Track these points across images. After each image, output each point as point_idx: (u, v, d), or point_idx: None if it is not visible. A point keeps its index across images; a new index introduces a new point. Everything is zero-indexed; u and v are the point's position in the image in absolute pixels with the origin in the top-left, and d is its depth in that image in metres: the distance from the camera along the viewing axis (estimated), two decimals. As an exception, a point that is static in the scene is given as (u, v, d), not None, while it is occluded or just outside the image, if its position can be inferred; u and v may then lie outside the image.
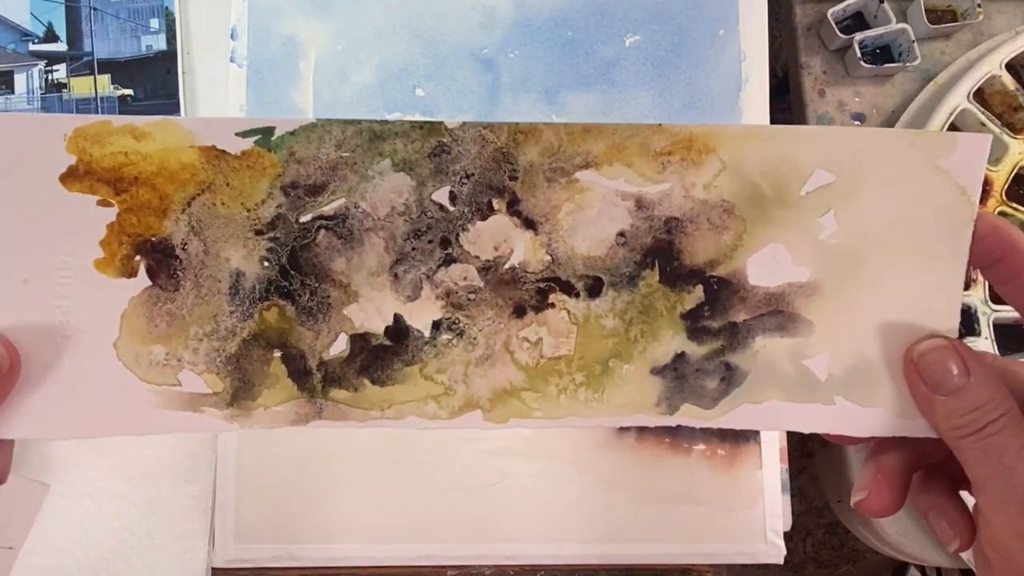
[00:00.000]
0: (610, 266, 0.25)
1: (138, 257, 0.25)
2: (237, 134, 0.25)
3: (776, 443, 0.44)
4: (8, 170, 0.24)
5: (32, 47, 0.49)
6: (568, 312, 0.25)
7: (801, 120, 0.50)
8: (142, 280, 0.25)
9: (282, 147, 0.25)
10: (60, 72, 0.49)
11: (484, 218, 0.25)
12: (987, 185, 0.44)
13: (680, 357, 0.25)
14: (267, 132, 0.25)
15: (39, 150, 0.24)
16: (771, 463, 0.44)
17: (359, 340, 0.25)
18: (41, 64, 0.49)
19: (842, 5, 0.48)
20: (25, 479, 0.28)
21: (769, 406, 0.25)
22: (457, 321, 0.26)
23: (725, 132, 0.24)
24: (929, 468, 0.26)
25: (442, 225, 0.25)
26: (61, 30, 0.49)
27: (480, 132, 0.25)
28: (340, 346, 0.25)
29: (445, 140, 0.25)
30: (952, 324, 0.24)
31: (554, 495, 0.45)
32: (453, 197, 0.25)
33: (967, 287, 0.43)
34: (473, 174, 0.25)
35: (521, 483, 0.44)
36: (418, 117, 0.46)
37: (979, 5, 0.48)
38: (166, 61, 0.48)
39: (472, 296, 0.25)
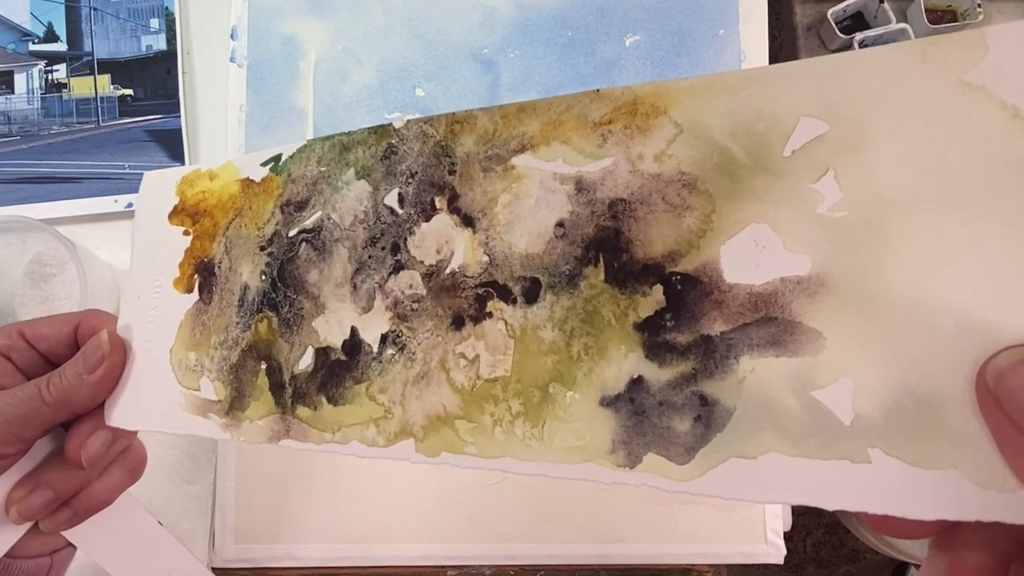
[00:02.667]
0: (548, 264, 0.21)
1: (196, 275, 0.28)
2: (260, 164, 0.28)
3: (776, 443, 0.44)
4: (143, 212, 0.30)
5: (32, 47, 0.49)
6: (505, 323, 0.21)
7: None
8: (194, 296, 0.28)
9: (284, 169, 0.27)
10: (60, 72, 0.49)
11: (428, 219, 0.23)
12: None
13: (637, 383, 0.19)
14: (277, 159, 0.27)
15: (161, 196, 0.29)
16: (771, 463, 0.44)
17: (322, 355, 0.25)
18: (41, 64, 0.49)
19: (842, 5, 0.48)
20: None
21: (769, 462, 0.17)
22: (400, 334, 0.23)
23: (678, 87, 0.19)
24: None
25: (393, 230, 0.24)
26: (61, 30, 0.49)
27: (421, 128, 0.23)
28: (307, 360, 0.25)
29: (393, 141, 0.24)
30: None
31: (554, 495, 0.45)
32: (401, 199, 0.24)
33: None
34: (416, 172, 0.23)
35: (521, 483, 0.44)
36: (418, 116, 0.46)
37: (979, 5, 0.48)
38: (166, 61, 0.48)
39: (415, 306, 0.23)
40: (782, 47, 0.53)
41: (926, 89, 0.17)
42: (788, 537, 0.44)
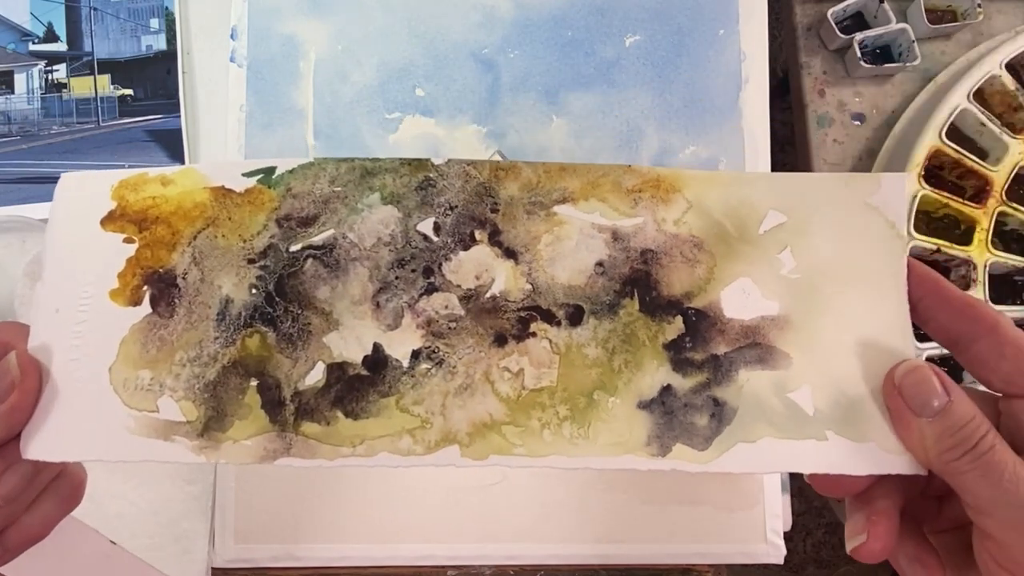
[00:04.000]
0: (590, 294, 0.26)
1: (145, 287, 0.26)
2: (243, 174, 0.27)
3: (776, 443, 0.44)
4: (64, 216, 0.27)
5: (32, 47, 0.49)
6: (550, 341, 0.25)
7: (802, 120, 0.50)
8: (144, 309, 0.26)
9: (281, 183, 0.27)
10: (60, 72, 0.49)
11: (467, 248, 0.26)
12: (987, 185, 0.44)
13: (667, 390, 0.25)
14: (269, 171, 0.27)
15: (90, 199, 0.27)
16: (771, 463, 0.44)
17: (336, 370, 0.25)
18: (41, 64, 0.49)
19: (842, 5, 0.48)
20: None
21: (764, 445, 0.24)
22: (437, 350, 0.25)
23: (687, 175, 0.26)
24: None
25: (426, 255, 0.26)
26: (61, 30, 0.49)
27: (464, 168, 0.27)
28: (316, 375, 0.25)
29: (431, 175, 0.27)
30: (910, 349, 0.24)
31: (554, 495, 0.45)
32: (437, 228, 0.26)
33: (967, 287, 0.43)
34: (457, 206, 0.26)
35: (521, 483, 0.44)
36: (418, 116, 0.46)
37: (979, 5, 0.48)
38: (166, 61, 0.48)
39: (453, 325, 0.25)
40: (782, 47, 0.53)
41: (846, 203, 0.26)
42: (788, 537, 0.44)
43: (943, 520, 0.25)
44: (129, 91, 0.48)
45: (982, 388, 0.24)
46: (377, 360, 0.25)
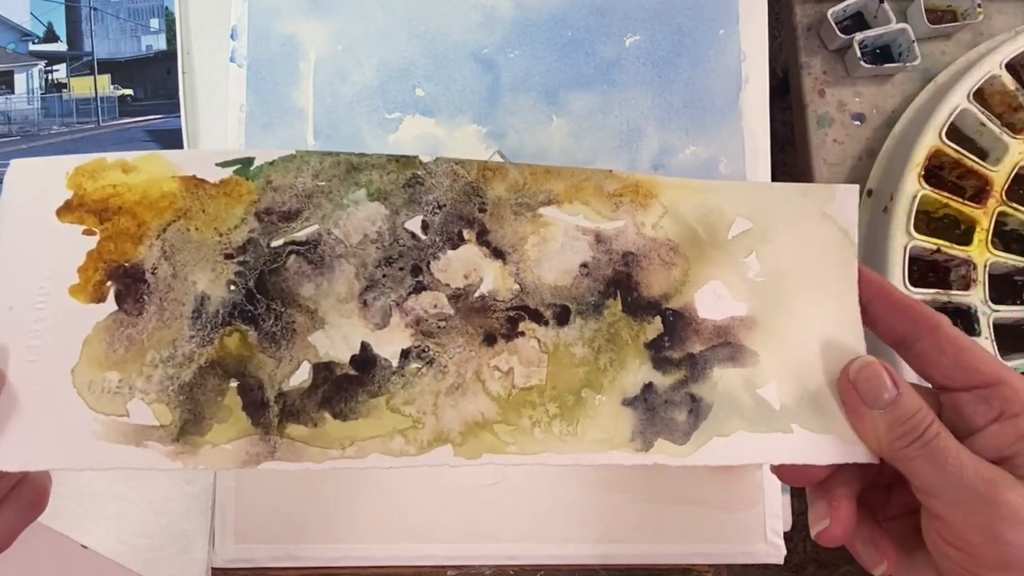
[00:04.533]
0: (576, 295, 0.26)
1: (109, 283, 0.25)
2: (217, 164, 0.26)
3: (776, 443, 0.44)
4: (14, 207, 0.25)
5: (32, 47, 0.49)
6: (538, 341, 0.26)
7: (802, 120, 0.50)
8: (109, 306, 0.24)
9: (260, 175, 0.26)
10: (60, 72, 0.49)
11: (455, 247, 0.26)
12: (987, 185, 0.44)
13: (649, 388, 0.26)
14: (246, 162, 0.26)
15: (43, 188, 0.25)
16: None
17: (322, 370, 0.25)
18: (41, 64, 0.49)
19: (842, 5, 0.48)
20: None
21: (737, 438, 0.25)
22: (427, 349, 0.25)
23: (663, 182, 0.27)
24: None
25: (413, 253, 0.26)
26: (61, 30, 0.49)
27: (452, 167, 0.26)
28: (302, 376, 0.25)
29: (419, 172, 0.26)
30: (862, 347, 0.26)
31: (554, 495, 0.45)
32: (425, 226, 0.26)
33: (967, 287, 0.43)
34: (445, 205, 0.26)
35: (521, 483, 0.44)
36: (418, 116, 0.46)
37: (979, 5, 0.48)
38: (166, 61, 0.48)
39: (442, 324, 0.25)
40: (782, 47, 0.53)
41: (805, 212, 0.27)
42: (788, 537, 0.44)
43: (892, 508, 0.27)
44: (129, 91, 0.48)
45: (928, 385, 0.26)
46: (365, 359, 0.25)
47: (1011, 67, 0.45)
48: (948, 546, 0.23)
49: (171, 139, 0.47)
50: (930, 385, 0.26)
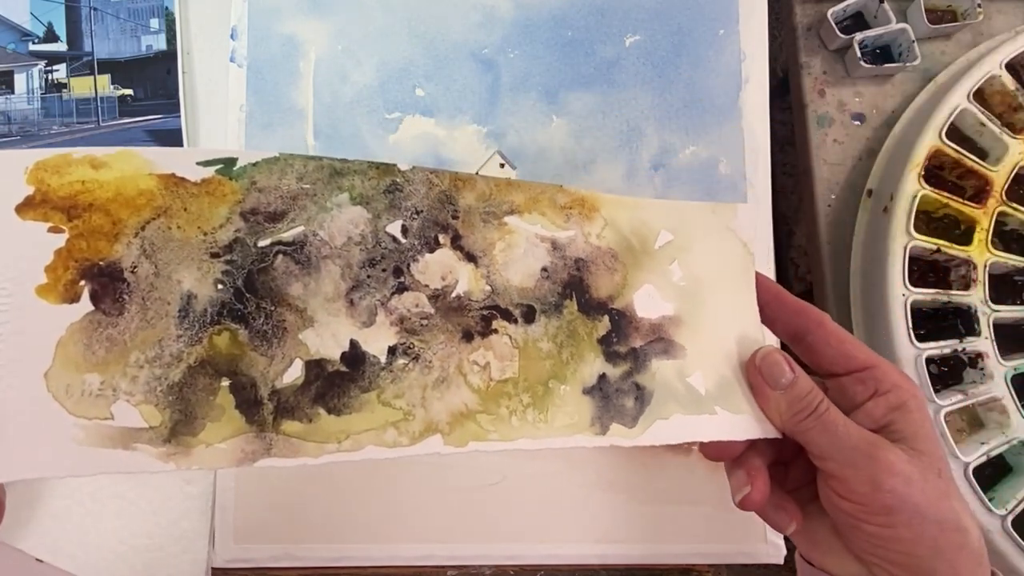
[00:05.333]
0: (539, 296, 0.29)
1: (83, 282, 0.24)
2: (198, 163, 0.25)
3: (776, 443, 0.44)
4: None
5: (32, 47, 0.49)
6: (510, 337, 0.28)
7: (802, 120, 0.50)
8: (84, 306, 0.24)
9: (244, 176, 0.26)
10: (60, 72, 0.49)
11: (432, 251, 0.28)
12: (987, 185, 0.44)
13: (603, 378, 0.29)
14: (229, 162, 0.26)
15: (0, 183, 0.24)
16: (771, 463, 0.44)
17: (314, 367, 0.25)
18: (41, 64, 0.49)
19: (842, 5, 0.48)
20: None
21: (675, 420, 0.29)
22: (412, 346, 0.27)
23: (603, 198, 0.30)
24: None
25: (395, 255, 0.27)
26: (61, 30, 0.49)
27: (427, 176, 0.28)
28: (295, 373, 0.25)
29: (398, 180, 0.28)
30: (764, 339, 0.31)
31: (554, 495, 0.45)
32: (405, 230, 0.27)
33: (967, 287, 0.43)
34: (422, 211, 0.28)
35: (521, 483, 0.44)
36: (418, 116, 0.46)
37: (979, 5, 0.48)
38: (166, 61, 0.48)
39: (424, 322, 0.27)
40: (782, 47, 0.53)
41: (714, 227, 0.31)
42: (788, 537, 0.44)
43: (791, 481, 0.32)
44: (129, 91, 0.48)
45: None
46: (355, 356, 0.26)
47: (1011, 67, 0.45)
48: (841, 499, 0.27)
49: (171, 139, 0.47)
50: (819, 376, 0.30)
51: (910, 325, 0.42)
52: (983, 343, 0.43)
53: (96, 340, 0.23)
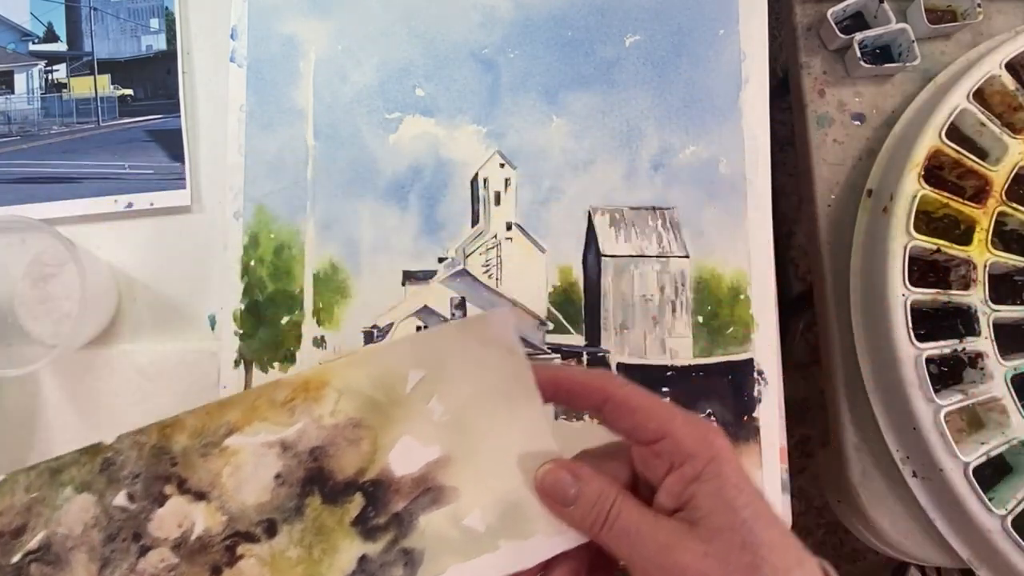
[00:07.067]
0: (277, 504, 0.29)
1: None
2: None
3: (776, 443, 0.44)
4: None
5: (32, 47, 0.49)
6: (256, 557, 0.28)
7: (802, 120, 0.50)
8: None
9: None
10: (60, 72, 0.49)
11: (162, 504, 0.29)
12: (987, 185, 0.44)
13: (363, 559, 0.28)
14: None
15: None
16: (771, 463, 0.44)
17: None
18: (41, 64, 0.49)
19: (842, 5, 0.48)
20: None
21: (451, 572, 0.28)
22: None
23: (330, 368, 0.30)
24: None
25: (130, 523, 0.29)
26: (61, 30, 0.49)
27: (135, 439, 0.29)
28: None
29: (108, 455, 0.29)
30: (552, 447, 0.29)
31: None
32: (131, 497, 0.29)
33: (967, 287, 0.43)
34: (140, 473, 0.29)
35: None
36: (418, 116, 0.46)
37: (979, 5, 0.48)
38: (166, 61, 0.48)
39: (172, 573, 0.28)
40: (782, 47, 0.53)
41: (468, 345, 0.30)
42: None
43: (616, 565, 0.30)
44: (129, 91, 0.48)
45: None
46: None
47: (1011, 67, 0.45)
48: None
49: (171, 139, 0.47)
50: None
51: (910, 325, 0.42)
52: (983, 343, 0.43)
53: None
